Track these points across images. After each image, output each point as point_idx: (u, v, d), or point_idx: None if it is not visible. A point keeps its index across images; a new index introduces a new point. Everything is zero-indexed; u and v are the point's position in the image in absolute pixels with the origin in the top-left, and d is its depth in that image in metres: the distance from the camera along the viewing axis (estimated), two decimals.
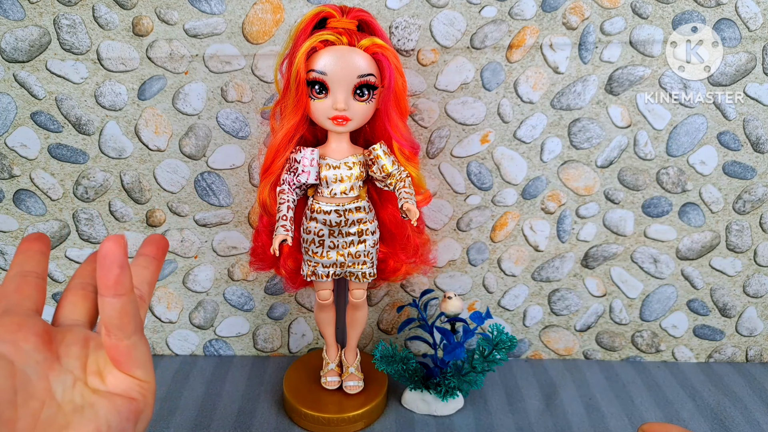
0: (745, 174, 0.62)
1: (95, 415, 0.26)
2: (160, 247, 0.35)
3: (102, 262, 0.26)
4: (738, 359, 0.69)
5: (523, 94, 0.59)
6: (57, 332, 0.29)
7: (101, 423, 0.26)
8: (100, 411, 0.27)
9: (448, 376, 0.58)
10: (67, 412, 0.26)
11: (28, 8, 0.55)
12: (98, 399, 0.27)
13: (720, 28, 0.57)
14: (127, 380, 0.29)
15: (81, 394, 0.27)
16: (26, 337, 0.27)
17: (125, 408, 0.28)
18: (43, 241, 0.33)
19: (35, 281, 0.31)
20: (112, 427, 0.27)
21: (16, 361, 0.26)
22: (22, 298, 0.29)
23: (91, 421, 0.26)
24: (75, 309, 0.31)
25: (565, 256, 0.65)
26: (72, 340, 0.29)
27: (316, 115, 0.49)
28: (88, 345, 0.29)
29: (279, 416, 0.59)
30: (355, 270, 0.54)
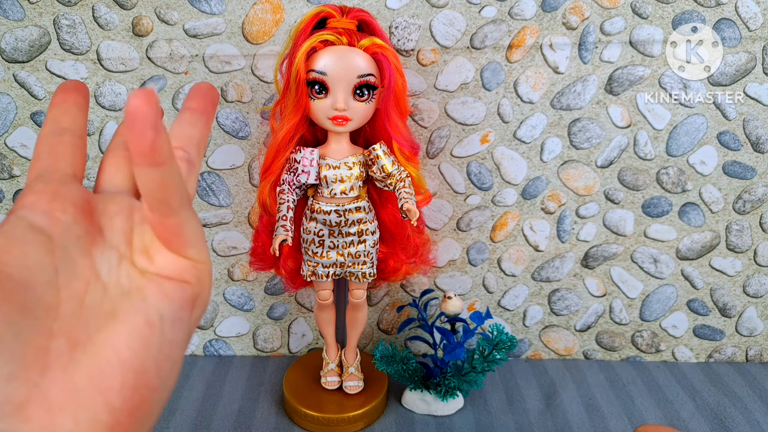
0: (745, 174, 0.62)
1: (144, 303, 0.22)
2: (209, 99, 0.30)
3: (131, 124, 0.21)
4: (738, 359, 0.69)
5: (523, 94, 0.59)
6: (98, 201, 0.24)
7: (152, 312, 0.22)
8: (149, 298, 0.22)
9: (448, 376, 0.58)
10: (114, 296, 0.22)
11: (28, 8, 0.55)
12: (147, 283, 0.23)
13: (720, 28, 0.57)
14: (178, 261, 0.24)
15: (128, 275, 0.23)
16: (64, 206, 0.23)
17: (178, 294, 0.23)
18: (81, 91, 0.28)
19: (72, 140, 0.26)
20: (165, 316, 0.22)
21: (53, 235, 0.22)
22: (57, 161, 0.25)
23: (140, 310, 0.22)
24: (118, 173, 0.27)
25: (565, 256, 0.65)
26: (115, 210, 0.24)
27: (316, 115, 0.49)
28: (132, 217, 0.25)
29: (279, 416, 0.59)
30: (355, 270, 0.54)
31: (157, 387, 0.21)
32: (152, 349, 0.21)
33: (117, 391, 0.19)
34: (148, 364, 0.20)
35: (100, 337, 0.20)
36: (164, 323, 0.22)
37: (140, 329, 0.21)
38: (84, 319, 0.20)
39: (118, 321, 0.21)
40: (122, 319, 0.21)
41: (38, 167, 0.24)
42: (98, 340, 0.20)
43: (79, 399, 0.19)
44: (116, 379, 0.19)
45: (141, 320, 0.21)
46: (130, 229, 0.24)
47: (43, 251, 0.21)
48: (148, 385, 0.20)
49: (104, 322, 0.21)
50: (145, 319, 0.21)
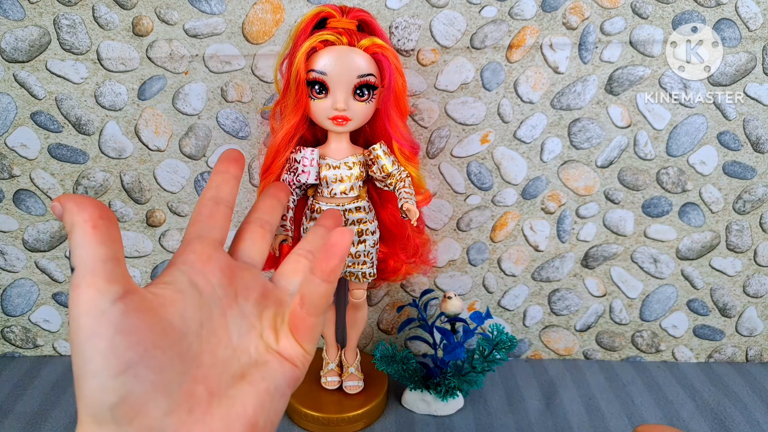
0: (745, 174, 0.62)
1: (270, 374, 0.26)
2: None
3: (330, 250, 0.26)
4: (738, 359, 0.69)
5: (523, 94, 0.59)
6: (237, 269, 0.28)
7: (271, 384, 0.26)
8: (272, 372, 0.26)
9: (448, 376, 0.58)
10: (242, 360, 0.26)
11: (28, 8, 0.55)
12: (271, 358, 0.27)
13: (720, 28, 0.57)
14: (297, 348, 0.28)
15: (255, 346, 0.27)
16: (214, 270, 0.26)
17: (289, 374, 0.27)
18: (240, 163, 0.32)
19: (225, 211, 0.30)
20: (278, 390, 0.26)
21: (204, 294, 0.25)
22: (213, 228, 0.29)
23: (265, 379, 0.26)
24: (253, 246, 0.31)
25: (565, 256, 0.65)
26: (251, 284, 0.28)
27: (316, 115, 0.49)
28: (268, 297, 0.29)
29: None
30: (355, 270, 0.54)
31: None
32: (266, 412, 0.25)
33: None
34: (261, 423, 0.25)
35: (233, 392, 0.25)
36: (277, 394, 0.26)
37: (263, 394, 0.25)
38: (218, 372, 0.25)
39: (248, 383, 0.25)
40: (251, 383, 0.25)
41: (196, 229, 0.28)
42: (231, 395, 0.24)
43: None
44: (240, 428, 0.24)
45: (264, 387, 0.26)
46: (263, 306, 0.28)
47: (196, 305, 0.25)
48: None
49: (235, 380, 0.25)
50: (267, 387, 0.26)
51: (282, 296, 0.30)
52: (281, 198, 0.35)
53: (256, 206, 0.33)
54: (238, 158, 0.32)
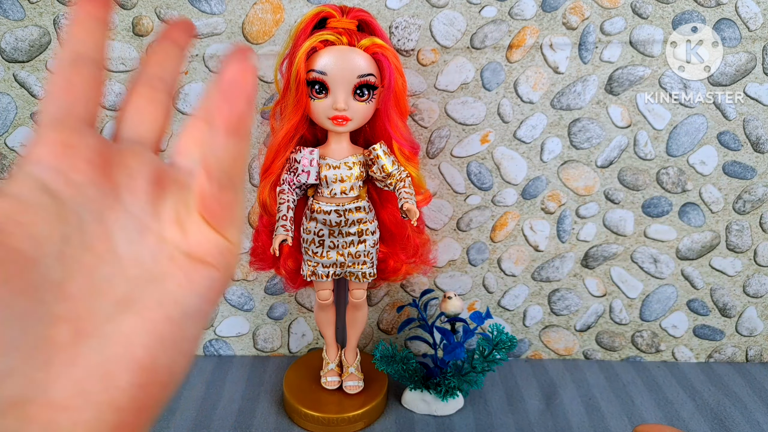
0: (745, 174, 0.61)
1: (171, 295, 0.19)
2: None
3: (227, 92, 0.19)
4: (738, 359, 0.69)
5: (523, 94, 0.59)
6: (116, 154, 0.20)
7: (174, 309, 0.19)
8: (174, 291, 0.19)
9: (448, 376, 0.58)
10: (131, 277, 0.19)
11: (28, 8, 0.55)
12: (173, 270, 0.19)
13: (720, 28, 0.57)
14: (215, 239, 0.21)
15: (152, 252, 0.19)
16: (77, 163, 0.19)
17: (205, 285, 0.20)
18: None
19: (90, 72, 0.21)
20: (188, 312, 0.19)
21: (66, 199, 0.18)
22: (74, 101, 0.21)
23: (161, 305, 0.19)
24: (138, 116, 0.23)
25: (565, 256, 0.65)
26: (137, 172, 0.20)
27: (316, 115, 0.49)
28: (164, 184, 0.21)
29: (279, 416, 0.59)
30: (355, 270, 0.54)
31: (166, 383, 0.19)
32: (168, 347, 0.18)
33: (125, 390, 0.17)
34: (162, 361, 0.18)
35: (111, 328, 0.17)
36: (185, 319, 0.19)
37: (159, 327, 0.18)
38: (93, 301, 0.17)
39: (135, 314, 0.18)
40: (140, 312, 0.18)
41: (50, 109, 0.20)
42: (108, 332, 0.17)
43: (82, 397, 0.16)
44: (125, 378, 0.17)
45: (161, 317, 0.18)
46: (157, 195, 0.20)
47: (54, 219, 0.17)
48: (159, 382, 0.18)
49: (117, 309, 0.18)
50: (165, 315, 0.19)
51: (183, 178, 0.22)
52: (178, 39, 0.25)
53: (144, 60, 0.24)
54: None
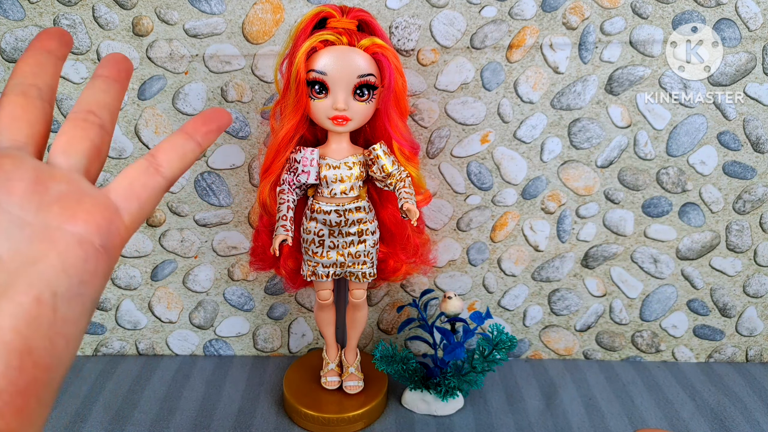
0: (745, 174, 0.62)
1: (38, 278, 0.20)
2: (122, 69, 0.28)
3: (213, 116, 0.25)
4: (738, 359, 0.69)
5: (523, 94, 0.59)
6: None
7: (44, 290, 0.20)
8: (44, 272, 0.20)
9: (448, 376, 0.58)
10: (10, 268, 0.20)
11: (28, 8, 0.55)
12: (47, 252, 0.20)
13: (720, 28, 0.57)
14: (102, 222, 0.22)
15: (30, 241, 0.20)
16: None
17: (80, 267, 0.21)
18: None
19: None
20: (60, 293, 0.20)
21: None
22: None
23: (30, 286, 0.20)
24: (13, 124, 0.24)
25: (565, 256, 0.65)
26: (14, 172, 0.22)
27: (316, 115, 0.49)
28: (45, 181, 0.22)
29: (279, 416, 0.59)
30: (355, 270, 0.54)
31: (49, 365, 0.19)
32: (41, 329, 0.19)
33: (1, 373, 0.18)
34: (37, 343, 0.19)
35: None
36: (58, 300, 0.20)
37: (28, 308, 0.19)
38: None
39: (5, 299, 0.19)
40: (10, 297, 0.19)
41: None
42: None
43: None
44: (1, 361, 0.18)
45: (29, 299, 0.19)
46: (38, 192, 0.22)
47: None
48: (38, 364, 0.19)
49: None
50: (34, 296, 0.19)
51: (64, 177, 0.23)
52: (52, 48, 0.26)
53: (15, 68, 0.25)
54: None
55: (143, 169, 0.25)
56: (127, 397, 0.61)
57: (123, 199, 0.24)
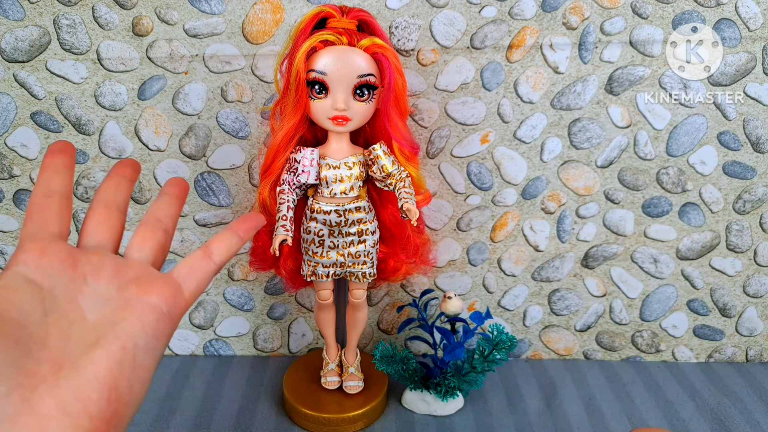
0: (745, 174, 0.62)
1: (123, 332, 0.26)
2: (183, 188, 0.37)
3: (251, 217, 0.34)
4: (738, 359, 0.69)
5: (523, 94, 0.59)
6: (81, 254, 0.29)
7: (128, 341, 0.26)
8: (127, 329, 0.27)
9: (448, 376, 0.58)
10: (99, 328, 0.26)
11: (28, 8, 0.55)
12: (128, 316, 0.27)
13: (720, 28, 0.57)
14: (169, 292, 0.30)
15: (113, 309, 0.28)
16: (51, 261, 0.28)
17: (153, 327, 0.28)
18: (69, 152, 0.33)
19: (59, 201, 0.31)
20: (139, 345, 0.27)
21: (44, 285, 0.27)
22: (46, 222, 0.30)
23: (118, 338, 0.26)
24: (99, 228, 0.32)
25: (565, 256, 0.65)
26: (99, 264, 0.29)
27: (316, 115, 0.49)
28: (122, 271, 0.29)
29: (279, 416, 0.59)
30: (355, 270, 0.54)
31: (128, 402, 0.25)
32: (125, 371, 0.25)
33: (95, 402, 0.24)
34: (121, 382, 0.25)
35: (84, 360, 0.25)
36: (137, 350, 0.26)
37: (116, 354, 0.25)
38: (69, 349, 0.25)
39: (100, 348, 0.25)
40: (103, 347, 0.25)
41: (29, 228, 0.29)
42: (81, 364, 0.25)
43: (64, 410, 0.23)
44: (95, 393, 0.24)
45: (118, 346, 0.26)
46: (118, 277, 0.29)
47: (35, 298, 0.26)
48: (120, 400, 0.25)
49: (87, 349, 0.25)
50: (120, 345, 0.26)
51: (138, 266, 0.31)
52: (126, 173, 0.35)
53: (98, 188, 0.34)
54: (65, 148, 0.33)
55: (200, 257, 0.33)
56: None
57: (184, 279, 0.31)
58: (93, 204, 0.33)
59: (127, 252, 0.32)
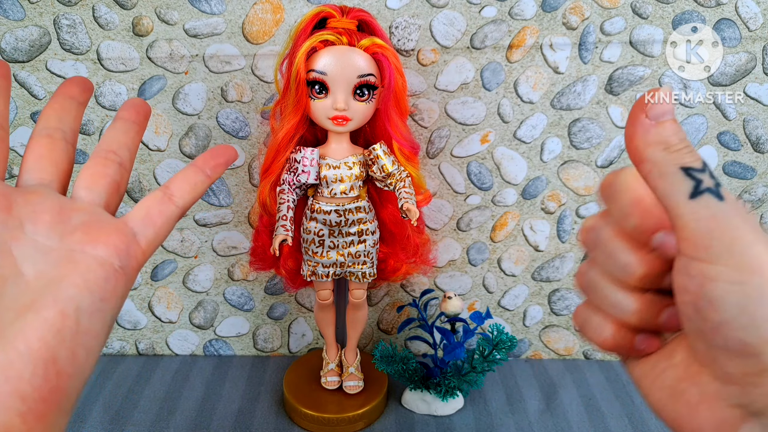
0: (745, 174, 0.62)
1: (62, 295, 0.22)
2: (141, 112, 0.31)
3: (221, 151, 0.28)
4: None
5: (523, 94, 0.59)
6: (19, 195, 0.25)
7: (68, 305, 0.22)
8: (68, 290, 0.22)
9: (448, 376, 0.58)
10: (36, 287, 0.22)
11: (28, 8, 0.55)
12: (69, 272, 0.23)
13: (720, 28, 0.57)
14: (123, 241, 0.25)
15: (54, 264, 0.23)
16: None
17: (100, 285, 0.23)
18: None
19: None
20: (82, 308, 0.22)
21: None
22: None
23: (56, 301, 0.22)
24: (40, 162, 0.27)
25: (565, 256, 0.65)
26: (39, 206, 0.24)
27: (316, 115, 0.49)
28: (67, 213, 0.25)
29: (279, 416, 0.59)
30: (355, 270, 0.54)
31: (71, 374, 0.21)
32: (66, 339, 0.21)
33: (27, 380, 0.20)
34: (61, 353, 0.21)
35: (13, 329, 0.20)
36: (81, 314, 0.22)
37: (53, 321, 0.21)
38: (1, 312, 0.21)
39: (33, 313, 0.21)
40: (38, 311, 0.21)
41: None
42: (10, 333, 0.20)
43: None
44: (26, 369, 0.20)
45: (54, 312, 0.21)
46: (61, 221, 0.24)
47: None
48: (61, 373, 0.21)
49: (18, 314, 0.21)
50: (59, 310, 0.21)
51: (86, 209, 0.26)
52: (74, 94, 0.30)
53: (42, 112, 0.28)
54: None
55: (158, 199, 0.27)
56: (127, 397, 0.61)
57: (140, 226, 0.26)
58: (34, 133, 0.28)
59: (75, 191, 0.27)
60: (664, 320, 0.23)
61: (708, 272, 0.19)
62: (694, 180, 0.19)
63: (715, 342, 0.19)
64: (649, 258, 0.22)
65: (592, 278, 0.24)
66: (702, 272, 0.19)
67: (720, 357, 0.19)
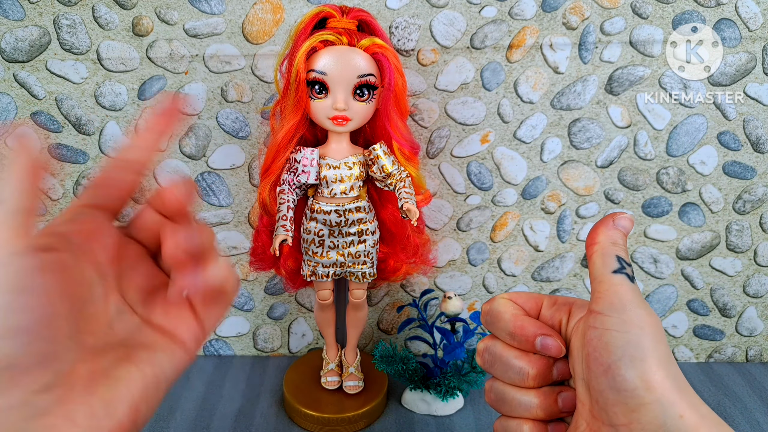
0: (745, 174, 0.62)
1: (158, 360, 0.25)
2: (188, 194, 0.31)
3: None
4: (738, 359, 0.69)
5: (523, 94, 0.59)
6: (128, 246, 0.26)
7: (159, 370, 0.24)
8: (161, 356, 0.25)
9: (448, 376, 0.58)
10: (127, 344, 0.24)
11: (28, 8, 0.55)
12: (160, 340, 0.25)
13: (720, 28, 0.57)
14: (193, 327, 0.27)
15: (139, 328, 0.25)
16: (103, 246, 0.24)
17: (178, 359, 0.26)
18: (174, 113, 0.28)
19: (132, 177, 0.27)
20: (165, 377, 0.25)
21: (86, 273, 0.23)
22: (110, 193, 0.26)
23: (154, 365, 0.24)
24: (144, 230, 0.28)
25: (565, 256, 0.65)
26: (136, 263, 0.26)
27: (316, 115, 0.49)
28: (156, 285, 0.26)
29: (279, 416, 0.59)
30: (355, 270, 0.54)
31: (140, 425, 0.24)
32: (149, 396, 0.24)
33: (120, 422, 0.22)
34: (143, 406, 0.24)
35: (117, 374, 0.23)
36: (163, 381, 0.25)
37: (149, 377, 0.24)
38: (103, 351, 0.23)
39: (134, 365, 0.24)
40: (136, 363, 0.24)
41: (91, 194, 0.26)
42: (115, 377, 0.23)
43: (93, 422, 0.21)
44: (123, 411, 0.23)
45: (152, 373, 0.24)
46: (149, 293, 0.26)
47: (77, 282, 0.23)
48: (137, 422, 0.24)
49: (119, 362, 0.23)
50: (155, 373, 0.24)
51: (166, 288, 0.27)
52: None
53: None
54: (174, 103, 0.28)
55: None
56: None
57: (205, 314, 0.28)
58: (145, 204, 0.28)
59: None
60: (561, 403, 0.29)
61: (606, 323, 0.26)
62: (620, 264, 0.27)
63: (606, 383, 0.25)
64: (536, 359, 0.29)
65: (498, 391, 0.31)
66: (603, 323, 0.26)
67: (608, 402, 0.25)
